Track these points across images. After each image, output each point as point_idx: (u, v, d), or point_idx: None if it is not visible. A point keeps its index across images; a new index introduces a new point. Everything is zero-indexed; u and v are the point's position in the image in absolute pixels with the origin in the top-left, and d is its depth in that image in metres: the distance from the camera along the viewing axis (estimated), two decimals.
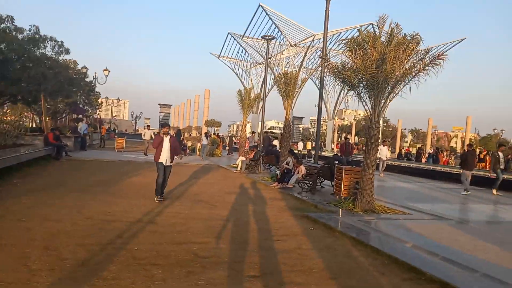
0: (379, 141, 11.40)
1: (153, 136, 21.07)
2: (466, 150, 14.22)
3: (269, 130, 79.47)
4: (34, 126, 34.86)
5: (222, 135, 50.84)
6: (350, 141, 19.52)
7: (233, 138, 33.48)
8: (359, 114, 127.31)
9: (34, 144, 17.38)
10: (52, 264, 4.29)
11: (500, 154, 13.33)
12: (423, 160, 27.30)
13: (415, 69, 8.64)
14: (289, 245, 5.72)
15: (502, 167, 13.16)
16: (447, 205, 10.77)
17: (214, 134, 32.34)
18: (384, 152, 17.83)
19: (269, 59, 37.17)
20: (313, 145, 41.02)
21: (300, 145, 30.81)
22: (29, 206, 7.14)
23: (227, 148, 31.05)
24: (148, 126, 23.48)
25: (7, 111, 30.84)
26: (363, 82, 9.14)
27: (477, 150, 30.60)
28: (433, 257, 5.32)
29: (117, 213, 7.12)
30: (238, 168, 16.34)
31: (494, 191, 13.01)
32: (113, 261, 4.55)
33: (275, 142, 21.36)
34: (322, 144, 48.48)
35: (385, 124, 49.29)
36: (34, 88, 22.58)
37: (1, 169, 10.24)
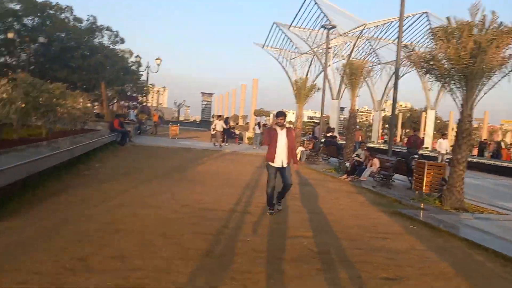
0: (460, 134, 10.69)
1: (225, 127, 21.01)
2: None
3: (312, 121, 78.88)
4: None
5: (266, 124, 50.71)
6: (418, 134, 18.67)
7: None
8: (401, 105, 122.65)
9: (98, 130, 18.00)
10: (180, 253, 4.25)
11: None
12: (488, 155, 25.80)
13: None
14: (401, 245, 5.41)
15: None
16: None
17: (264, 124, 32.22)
18: (444, 146, 16.93)
19: (316, 49, 36.52)
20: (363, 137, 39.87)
21: None
22: (123, 191, 7.27)
23: None
24: (219, 116, 23.31)
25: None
26: (455, 73, 8.54)
27: None
28: None
29: (209, 202, 7.09)
30: (298, 159, 16.08)
31: None
32: (235, 252, 4.46)
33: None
34: (368, 136, 47.19)
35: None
36: (93, 76, 23.43)
37: (80, 155, 10.59)
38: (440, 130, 46.14)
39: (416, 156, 10.49)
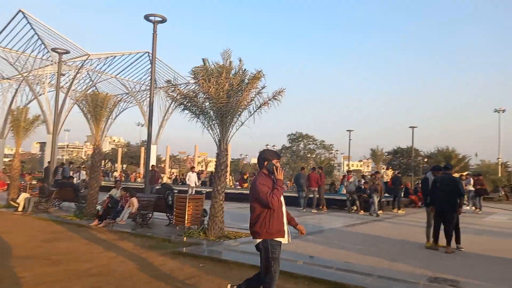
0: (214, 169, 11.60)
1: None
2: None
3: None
4: None
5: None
6: (156, 169, 18.89)
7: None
8: (114, 140, 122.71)
9: None
10: None
11: None
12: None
13: (259, 101, 9.49)
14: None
15: None
16: None
17: None
18: (193, 179, 18.10)
19: (26, 74, 31.26)
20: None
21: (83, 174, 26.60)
22: None
23: None
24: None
25: None
26: (212, 111, 9.26)
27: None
28: (332, 270, 6.00)
29: None
30: (20, 208, 12.77)
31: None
32: None
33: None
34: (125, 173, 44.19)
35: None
36: None
37: None
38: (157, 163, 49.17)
39: (176, 191, 10.52)
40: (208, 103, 9.21)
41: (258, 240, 3.94)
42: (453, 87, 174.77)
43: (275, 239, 3.89)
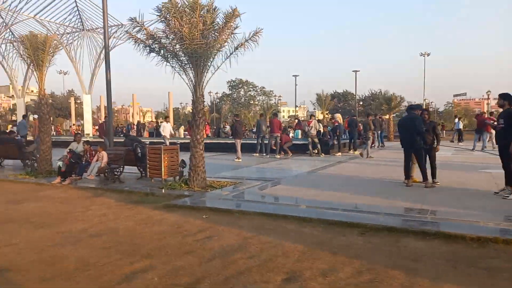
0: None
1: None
2: (234, 121, 15.97)
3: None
4: None
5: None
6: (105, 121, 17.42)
7: None
8: (32, 91, 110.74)
9: None
10: None
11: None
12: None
13: (233, 43, 8.80)
14: (232, 240, 4.88)
15: None
16: (244, 169, 11.78)
17: None
18: (168, 129, 16.90)
19: None
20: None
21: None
22: None
23: None
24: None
25: None
26: (184, 54, 8.47)
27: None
28: (339, 211, 6.06)
29: None
30: None
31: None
32: None
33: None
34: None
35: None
36: None
37: None
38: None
39: (147, 143, 9.79)
40: (178, 45, 8.39)
41: None
42: (384, 33, 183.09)
43: None
